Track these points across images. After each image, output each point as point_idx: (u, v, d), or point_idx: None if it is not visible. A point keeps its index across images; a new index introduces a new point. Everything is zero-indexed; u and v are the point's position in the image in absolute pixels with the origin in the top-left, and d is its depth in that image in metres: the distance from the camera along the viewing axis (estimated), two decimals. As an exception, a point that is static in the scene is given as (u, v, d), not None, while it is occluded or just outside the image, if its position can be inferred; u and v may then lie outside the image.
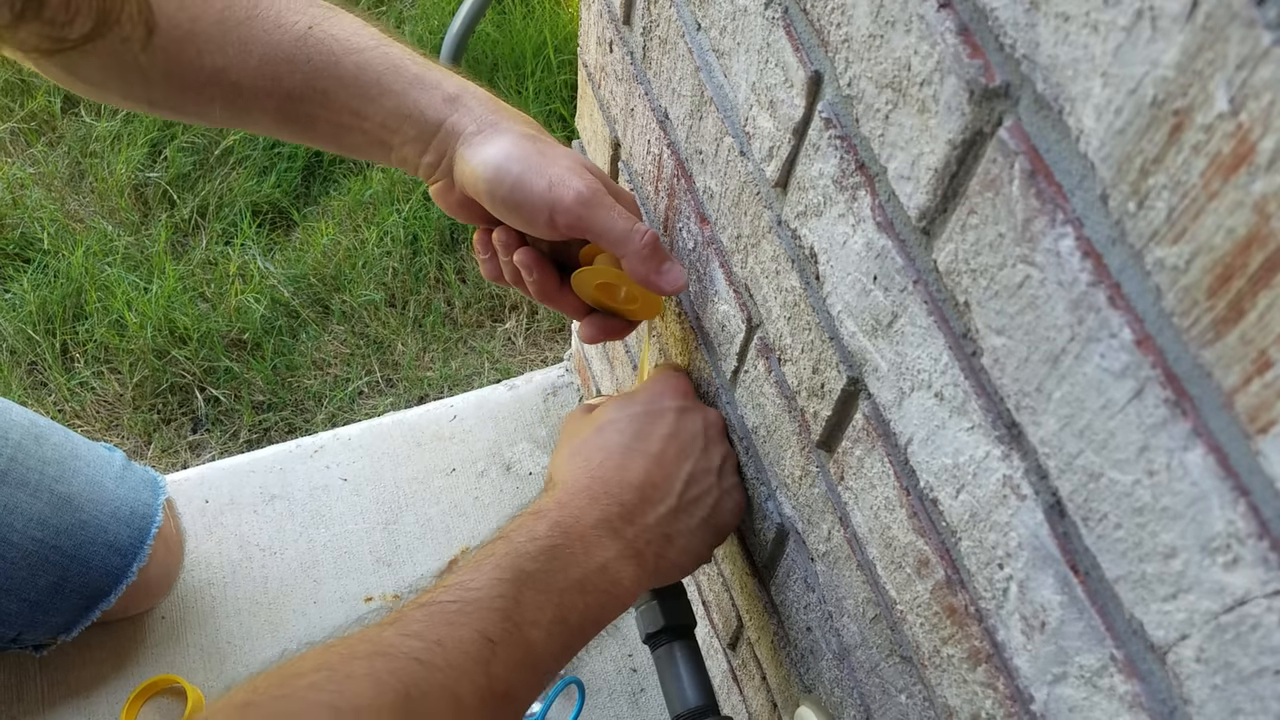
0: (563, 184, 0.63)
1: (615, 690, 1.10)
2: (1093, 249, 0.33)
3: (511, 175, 0.63)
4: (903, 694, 0.56)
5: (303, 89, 0.65)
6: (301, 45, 0.64)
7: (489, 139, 0.64)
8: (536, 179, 0.63)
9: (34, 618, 0.99)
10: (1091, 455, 0.35)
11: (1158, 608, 0.34)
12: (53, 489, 0.97)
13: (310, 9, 0.66)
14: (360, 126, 0.67)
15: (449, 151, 0.66)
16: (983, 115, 0.37)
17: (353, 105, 0.66)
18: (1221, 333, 0.28)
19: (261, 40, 0.64)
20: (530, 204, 0.63)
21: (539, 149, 0.64)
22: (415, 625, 0.53)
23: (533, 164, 0.63)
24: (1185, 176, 0.28)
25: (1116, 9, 0.29)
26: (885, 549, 0.54)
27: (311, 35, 0.65)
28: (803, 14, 0.48)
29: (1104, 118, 0.31)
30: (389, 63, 0.65)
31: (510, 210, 0.64)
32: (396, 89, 0.65)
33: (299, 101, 0.66)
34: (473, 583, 0.56)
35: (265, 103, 0.67)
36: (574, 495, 0.63)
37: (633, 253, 0.64)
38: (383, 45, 0.66)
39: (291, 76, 0.65)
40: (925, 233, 0.42)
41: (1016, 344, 0.38)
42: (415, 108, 0.65)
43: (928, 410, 0.45)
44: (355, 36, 0.65)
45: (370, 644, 0.52)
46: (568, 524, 0.61)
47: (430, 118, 0.65)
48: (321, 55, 0.65)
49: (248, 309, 1.64)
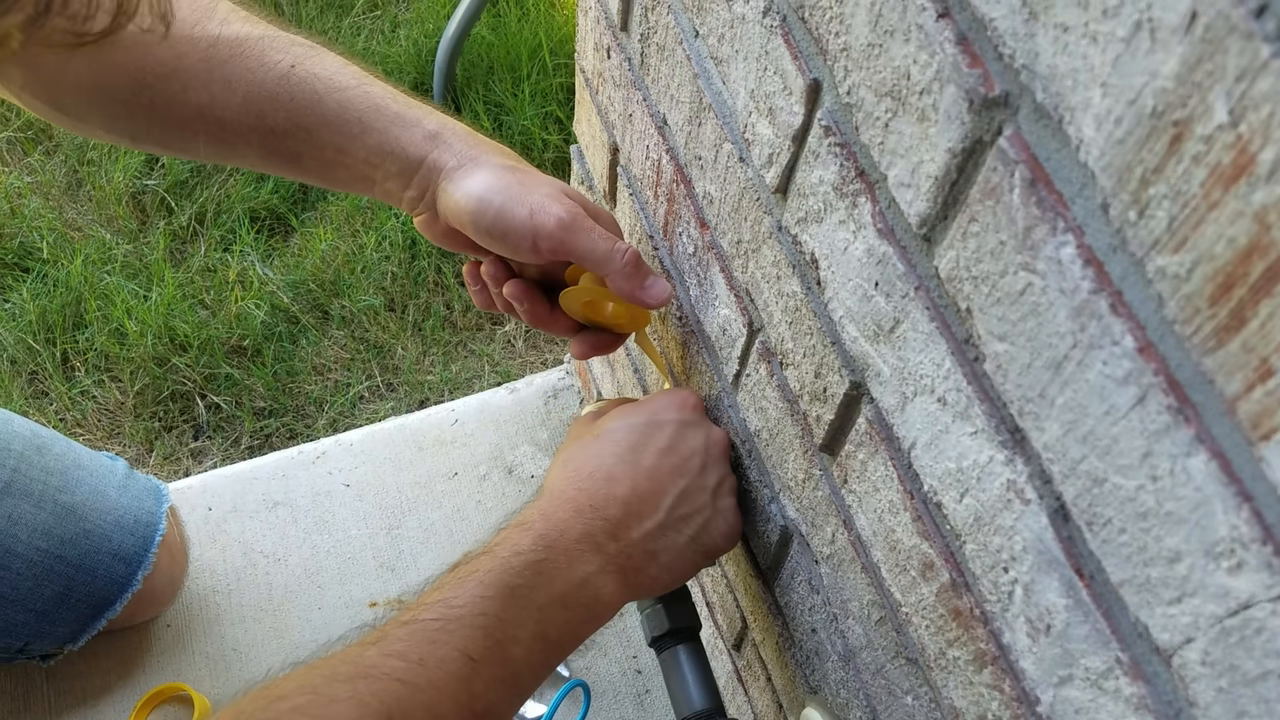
0: (543, 211, 0.65)
1: (620, 692, 1.10)
2: (1094, 257, 0.33)
3: (494, 206, 0.65)
4: (909, 695, 0.57)
5: (286, 126, 0.67)
6: (284, 84, 0.66)
7: (470, 172, 0.66)
8: (518, 208, 0.65)
9: (40, 628, 0.99)
10: (1095, 461, 0.35)
11: (1163, 611, 0.34)
12: (56, 499, 0.97)
13: (293, 48, 0.67)
14: (343, 163, 0.68)
15: (431, 186, 0.68)
16: (982, 124, 0.37)
17: (336, 143, 0.67)
18: (1223, 341, 0.29)
19: (245, 79, 0.66)
20: (514, 232, 0.65)
21: (519, 179, 0.66)
22: (398, 644, 0.54)
23: (513, 194, 0.65)
24: (1186, 186, 0.29)
25: (1115, 20, 0.29)
26: (890, 552, 0.54)
27: (294, 74, 0.66)
28: (801, 22, 0.48)
29: (1104, 127, 0.31)
30: (370, 101, 0.67)
31: (495, 239, 0.66)
32: (378, 127, 0.66)
33: (283, 138, 0.67)
34: (456, 600, 0.56)
35: (249, 139, 0.68)
36: (559, 507, 0.63)
37: (616, 271, 0.67)
38: (364, 84, 0.67)
39: (275, 114, 0.66)
40: (926, 239, 0.43)
41: (1019, 350, 0.38)
42: (397, 145, 0.67)
43: (931, 415, 0.46)
44: (337, 75, 0.67)
45: (352, 665, 0.52)
46: (552, 538, 0.61)
47: (412, 154, 0.67)
48: (304, 94, 0.66)
49: (247, 315, 1.64)
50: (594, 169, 0.94)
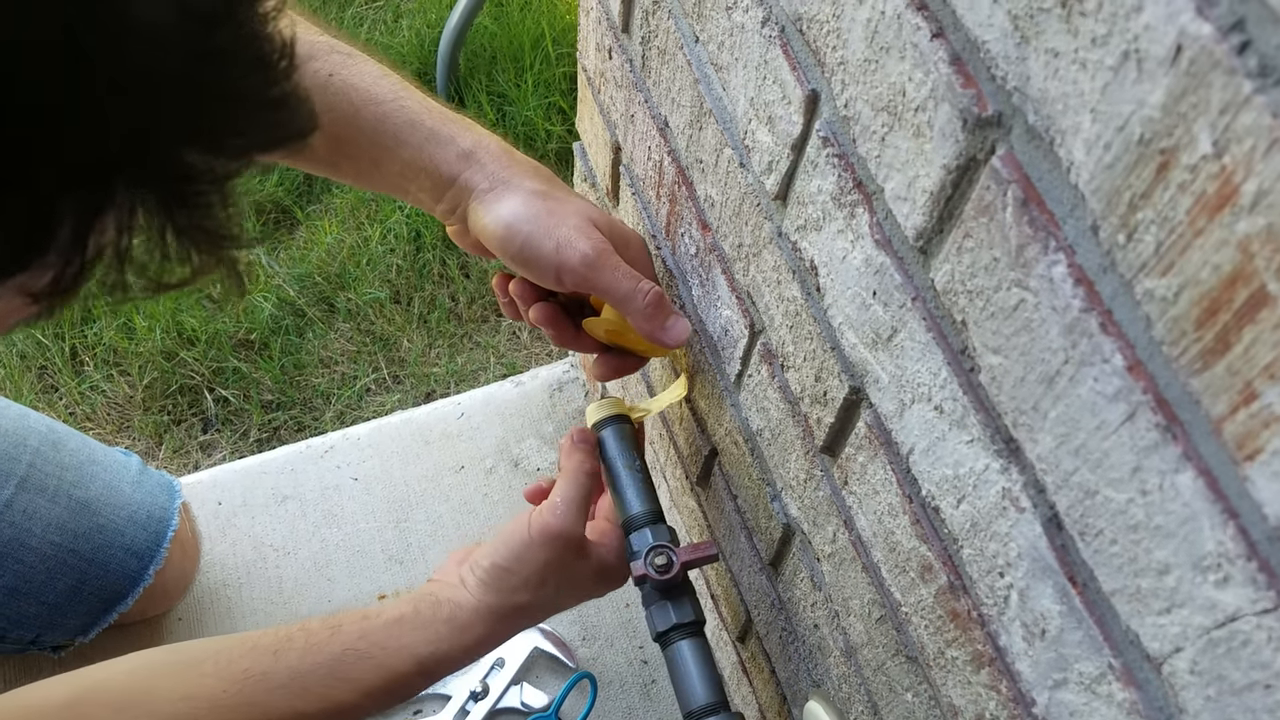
0: (569, 246, 0.66)
1: (627, 682, 1.11)
2: (1084, 276, 0.34)
3: (521, 235, 0.66)
4: (909, 692, 0.58)
5: (322, 135, 0.66)
6: (323, 94, 0.66)
7: (500, 196, 0.67)
8: (545, 240, 0.66)
9: (52, 620, 1.00)
10: (1087, 473, 0.36)
11: (1153, 621, 0.35)
12: (71, 494, 0.98)
13: (332, 55, 0.67)
14: (378, 173, 0.69)
15: (463, 205, 0.69)
16: (976, 143, 0.38)
17: (372, 154, 0.68)
18: (1209, 363, 0.29)
19: None
20: (539, 263, 0.67)
21: (549, 208, 0.67)
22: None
23: (541, 225, 0.66)
24: (1172, 213, 0.29)
25: (1104, 49, 0.30)
26: (890, 553, 0.55)
27: (332, 84, 0.66)
28: (799, 34, 0.49)
29: (1093, 152, 0.32)
30: (406, 117, 0.67)
31: (521, 265, 0.68)
32: (413, 143, 0.67)
33: (318, 147, 0.68)
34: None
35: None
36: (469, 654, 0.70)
37: (636, 310, 0.68)
38: (400, 98, 0.68)
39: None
40: (923, 252, 0.43)
41: (1013, 364, 0.39)
42: (430, 163, 0.67)
43: (928, 422, 0.46)
44: (375, 87, 0.67)
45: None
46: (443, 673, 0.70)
47: (444, 173, 0.67)
48: (342, 105, 0.66)
49: (254, 309, 1.65)
50: (597, 167, 0.95)
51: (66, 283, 0.32)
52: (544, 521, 0.70)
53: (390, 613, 0.68)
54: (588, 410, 0.83)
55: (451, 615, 0.69)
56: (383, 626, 0.67)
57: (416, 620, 0.68)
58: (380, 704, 0.67)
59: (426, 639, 0.68)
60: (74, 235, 0.31)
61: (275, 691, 0.63)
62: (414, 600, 0.69)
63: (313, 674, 0.64)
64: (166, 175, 0.33)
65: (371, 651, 0.66)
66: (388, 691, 0.67)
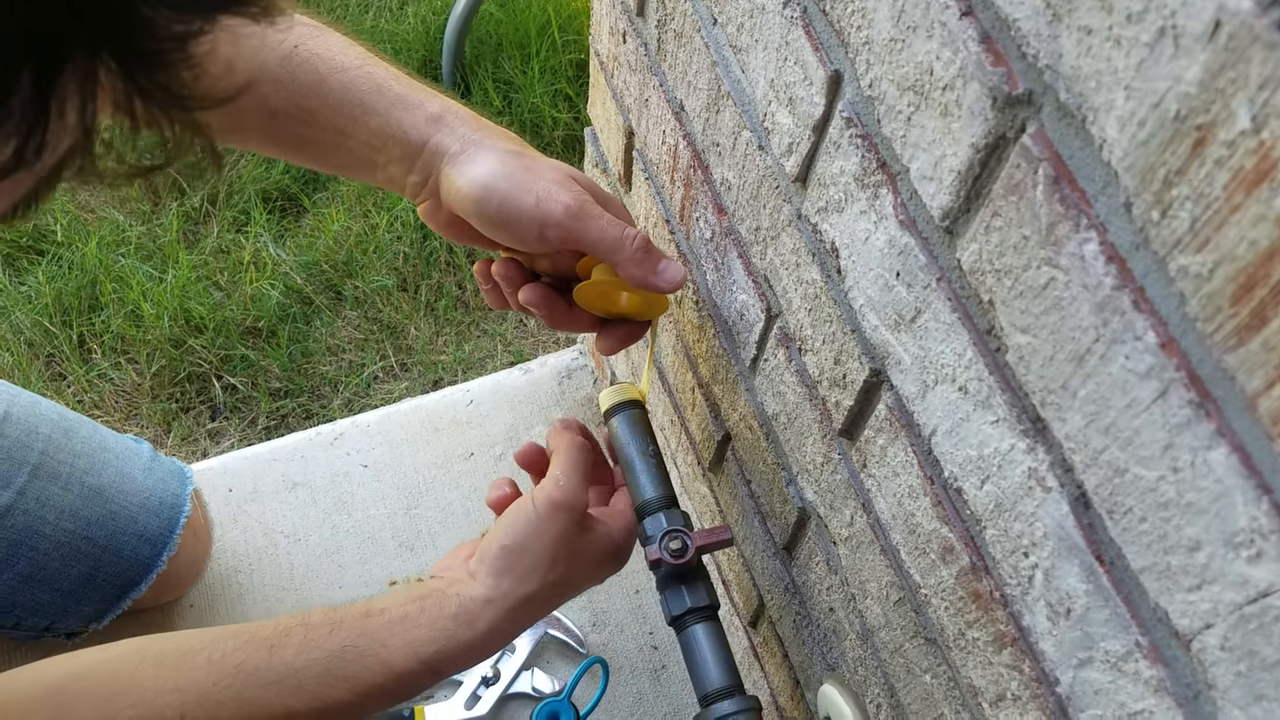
0: (550, 198, 0.64)
1: (637, 668, 1.11)
2: (1117, 254, 0.34)
3: (499, 193, 0.64)
4: (927, 674, 0.58)
5: (288, 107, 0.66)
6: (287, 64, 0.65)
7: (473, 157, 0.65)
8: (524, 195, 0.63)
9: (66, 607, 1.01)
10: (1117, 451, 0.36)
11: (1182, 598, 0.35)
12: (83, 481, 0.98)
13: (297, 28, 0.66)
14: (345, 145, 0.67)
15: (434, 171, 0.66)
16: (1006, 121, 0.38)
17: (338, 124, 0.66)
18: (1244, 339, 0.30)
19: (248, 58, 0.64)
20: (519, 221, 0.64)
21: (524, 164, 0.65)
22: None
23: (519, 180, 0.64)
24: (1208, 189, 0.29)
25: (1139, 25, 0.30)
26: (909, 535, 0.55)
27: (297, 54, 0.65)
28: (822, 14, 0.49)
29: (1127, 129, 0.32)
30: (373, 82, 0.66)
31: (499, 228, 0.65)
32: (380, 108, 0.65)
33: (285, 121, 0.66)
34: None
35: (251, 120, 0.67)
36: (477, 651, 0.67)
37: (626, 258, 0.65)
38: (367, 65, 0.66)
39: (277, 96, 0.65)
40: (949, 232, 0.43)
41: (1041, 343, 0.39)
42: (399, 128, 0.65)
43: (952, 403, 0.47)
44: (340, 55, 0.66)
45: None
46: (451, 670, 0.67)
47: (414, 138, 0.65)
48: (307, 74, 0.65)
49: (262, 297, 1.65)
50: (609, 152, 0.94)
51: (30, 155, 0.31)
52: (547, 495, 0.68)
53: (395, 610, 0.66)
54: (600, 396, 0.83)
55: (459, 610, 0.66)
56: (386, 624, 0.65)
57: (422, 617, 0.66)
58: (380, 704, 0.65)
59: (432, 636, 0.65)
60: (33, 98, 0.30)
61: (268, 687, 0.61)
62: (419, 596, 0.67)
63: (308, 671, 0.62)
64: (125, 32, 0.31)
65: (372, 649, 0.64)
66: (388, 692, 0.64)
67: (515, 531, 0.68)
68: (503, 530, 0.69)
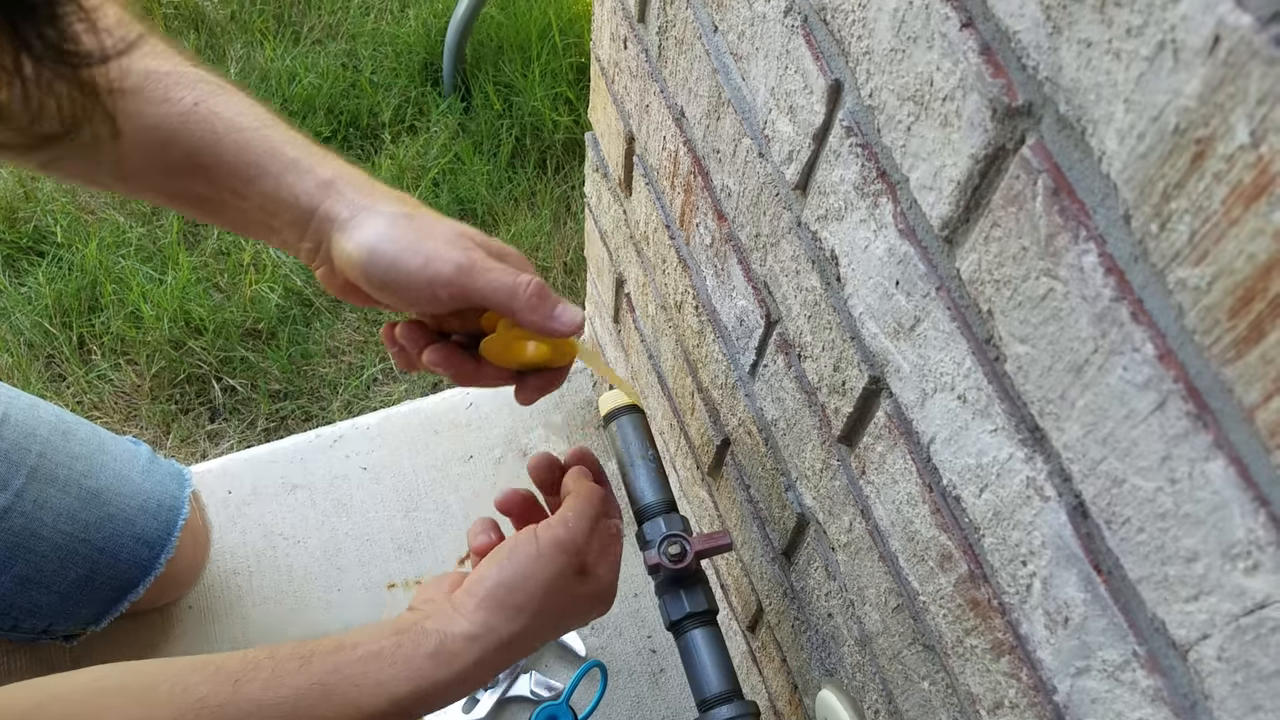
0: (439, 257, 0.63)
1: (636, 671, 1.12)
2: (1115, 266, 0.34)
3: (387, 256, 0.63)
4: (925, 681, 0.58)
5: (184, 164, 0.66)
6: (185, 121, 0.65)
7: (362, 223, 0.64)
8: (413, 257, 0.63)
9: (64, 609, 1.01)
10: (1115, 462, 0.36)
11: (1179, 608, 0.35)
12: (81, 484, 0.98)
13: (199, 85, 0.66)
14: (239, 206, 0.67)
15: (325, 238, 0.66)
16: (1005, 132, 0.38)
17: (231, 185, 0.66)
18: (1242, 352, 0.30)
19: (148, 112, 0.64)
20: (410, 283, 0.63)
21: (414, 226, 0.64)
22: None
23: (408, 243, 0.63)
24: (1207, 202, 0.29)
25: (1139, 39, 0.30)
26: (908, 542, 0.55)
27: (197, 111, 0.65)
28: (823, 24, 0.49)
29: (1126, 141, 0.32)
30: (268, 146, 0.65)
31: (391, 291, 0.64)
32: (272, 172, 0.65)
33: (181, 177, 0.66)
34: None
35: (148, 174, 0.67)
36: (457, 688, 0.64)
37: (521, 305, 0.65)
38: (264, 128, 0.66)
39: (174, 151, 0.65)
40: (948, 241, 0.43)
41: (1040, 353, 0.39)
42: (290, 193, 0.65)
43: (950, 412, 0.47)
44: (239, 117, 0.66)
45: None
46: (427, 709, 0.63)
47: (304, 204, 0.65)
48: (204, 132, 0.65)
49: (262, 299, 1.65)
50: (609, 157, 0.95)
51: None
52: (554, 534, 0.67)
53: (368, 645, 0.62)
54: (601, 400, 0.83)
55: (438, 647, 0.63)
56: (357, 660, 0.62)
57: (397, 654, 0.62)
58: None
59: (407, 675, 0.62)
60: None
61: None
62: (396, 630, 0.64)
63: (274, 709, 0.59)
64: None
65: (342, 688, 0.60)
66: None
67: (513, 566, 0.66)
68: (498, 565, 0.66)
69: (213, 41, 2.01)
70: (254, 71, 1.94)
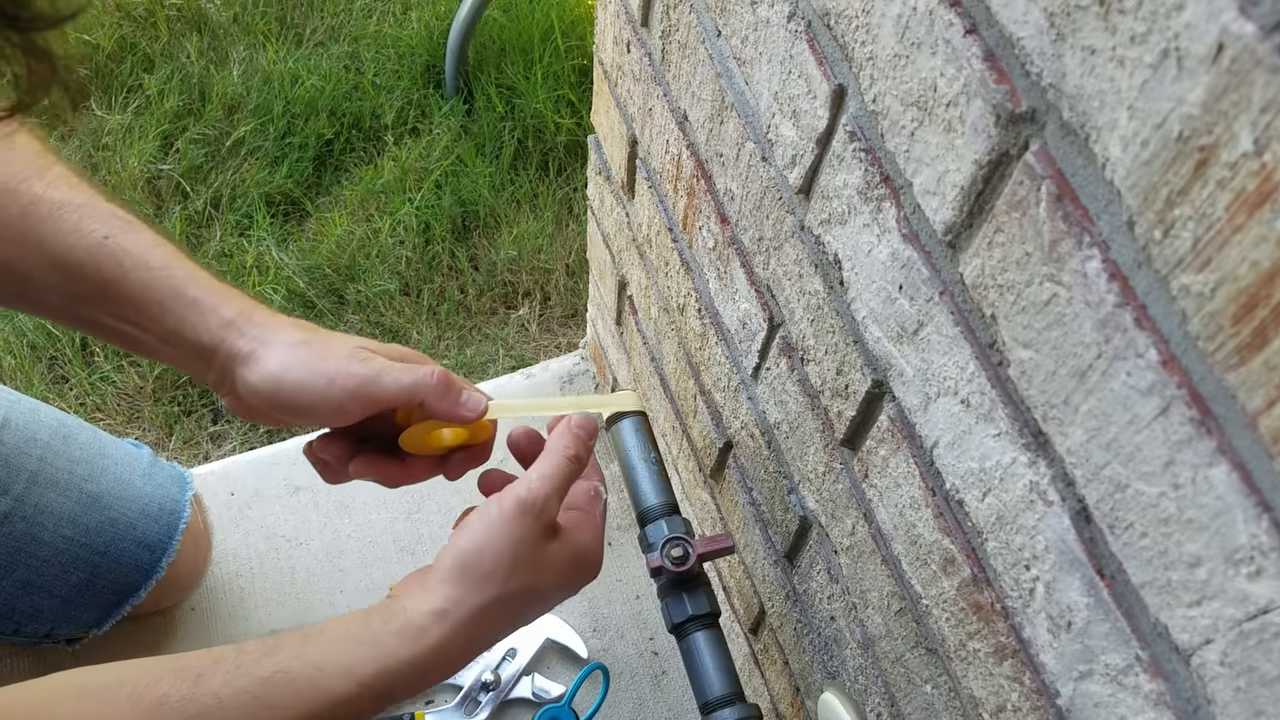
0: (342, 374, 0.66)
1: (638, 673, 1.12)
2: (1119, 271, 0.34)
3: (290, 384, 0.66)
4: (928, 684, 0.58)
5: (89, 294, 0.68)
6: (94, 254, 0.67)
7: (263, 356, 0.67)
8: (316, 380, 0.66)
9: (66, 613, 1.01)
10: (1118, 467, 0.37)
11: (1183, 613, 0.35)
12: (82, 488, 0.99)
13: (110, 220, 0.69)
14: (141, 338, 0.70)
15: (230, 373, 0.69)
16: (1009, 138, 0.38)
17: (135, 319, 0.68)
18: (1246, 358, 0.30)
19: (58, 241, 0.67)
20: (318, 405, 0.66)
21: (313, 352, 0.67)
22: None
23: (309, 368, 0.66)
24: (1210, 210, 0.30)
25: (1143, 47, 0.30)
26: (910, 546, 0.55)
27: (106, 245, 0.67)
28: (826, 29, 0.49)
29: (1130, 148, 0.32)
30: (171, 285, 0.68)
31: (301, 414, 0.67)
32: (176, 311, 0.68)
33: (85, 304, 0.69)
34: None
35: (52, 298, 0.69)
36: (431, 673, 0.62)
37: (429, 397, 0.68)
38: (170, 267, 0.69)
39: (81, 281, 0.68)
40: (951, 246, 0.44)
41: (1044, 358, 0.39)
42: (193, 332, 0.68)
43: (954, 416, 0.47)
44: (146, 254, 0.68)
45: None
46: (400, 696, 0.61)
47: (207, 342, 0.68)
48: (112, 266, 0.67)
49: (265, 300, 1.65)
50: (612, 160, 0.95)
51: None
52: (515, 495, 0.64)
53: (336, 628, 0.61)
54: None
55: (405, 624, 0.60)
56: (324, 643, 0.60)
57: (364, 634, 0.60)
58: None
59: (374, 655, 0.59)
60: None
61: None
62: (366, 613, 0.62)
63: (235, 700, 0.57)
64: None
65: (305, 673, 0.58)
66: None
67: (472, 532, 0.63)
68: (461, 531, 0.64)
69: (215, 44, 2.01)
70: (256, 74, 1.94)
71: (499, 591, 0.62)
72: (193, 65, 1.95)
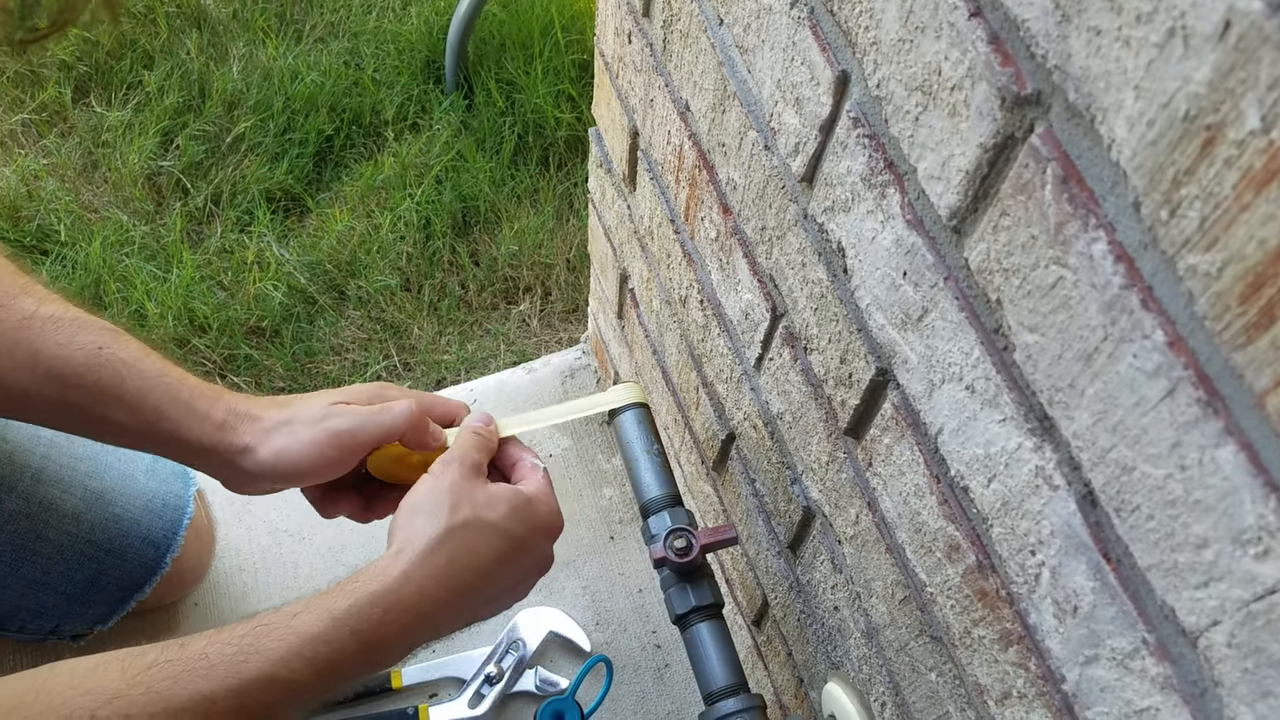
0: (327, 434, 0.73)
1: (641, 666, 1.12)
2: (1125, 253, 0.34)
3: (285, 464, 0.73)
4: (933, 672, 0.58)
5: (86, 402, 0.72)
6: (91, 364, 0.71)
7: (254, 447, 0.73)
8: (307, 450, 0.73)
9: (71, 610, 1.01)
10: (1124, 449, 0.37)
11: (1189, 595, 0.35)
12: (85, 485, 0.99)
13: (102, 332, 0.73)
14: (140, 443, 0.75)
15: (227, 465, 0.75)
16: (1014, 121, 0.38)
17: (132, 424, 0.73)
18: (1253, 338, 0.30)
19: (53, 354, 0.71)
20: (313, 471, 0.74)
21: (296, 426, 0.73)
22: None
23: (299, 439, 0.73)
24: (1217, 189, 0.29)
25: (1149, 26, 0.30)
26: (915, 533, 0.55)
27: (102, 355, 0.72)
28: (829, 15, 0.49)
29: (1136, 129, 0.32)
30: (167, 392, 0.73)
31: (299, 482, 0.76)
32: (172, 416, 0.73)
33: (80, 411, 0.73)
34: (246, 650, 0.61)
35: (45, 407, 0.73)
36: (406, 610, 0.65)
37: (405, 432, 0.75)
38: (163, 374, 0.74)
39: (79, 390, 0.71)
40: (956, 231, 0.43)
41: (1049, 341, 0.39)
42: (190, 434, 0.73)
43: (959, 402, 0.47)
44: (140, 363, 0.73)
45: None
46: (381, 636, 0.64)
47: (205, 444, 0.73)
48: (109, 376, 0.72)
49: (266, 297, 1.65)
50: (613, 152, 0.95)
51: None
52: (441, 458, 0.73)
53: (314, 595, 0.65)
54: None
55: (368, 568, 0.65)
56: (299, 603, 0.64)
57: (336, 587, 0.64)
58: (301, 674, 0.61)
59: (344, 593, 0.63)
60: None
61: (180, 677, 0.59)
62: (343, 580, 0.67)
63: (220, 652, 0.60)
64: None
65: (282, 620, 0.62)
66: (306, 658, 0.61)
67: (413, 491, 0.71)
68: (404, 499, 0.72)
69: (215, 40, 2.01)
70: (256, 70, 1.94)
71: (446, 523, 0.68)
72: (192, 62, 1.95)
